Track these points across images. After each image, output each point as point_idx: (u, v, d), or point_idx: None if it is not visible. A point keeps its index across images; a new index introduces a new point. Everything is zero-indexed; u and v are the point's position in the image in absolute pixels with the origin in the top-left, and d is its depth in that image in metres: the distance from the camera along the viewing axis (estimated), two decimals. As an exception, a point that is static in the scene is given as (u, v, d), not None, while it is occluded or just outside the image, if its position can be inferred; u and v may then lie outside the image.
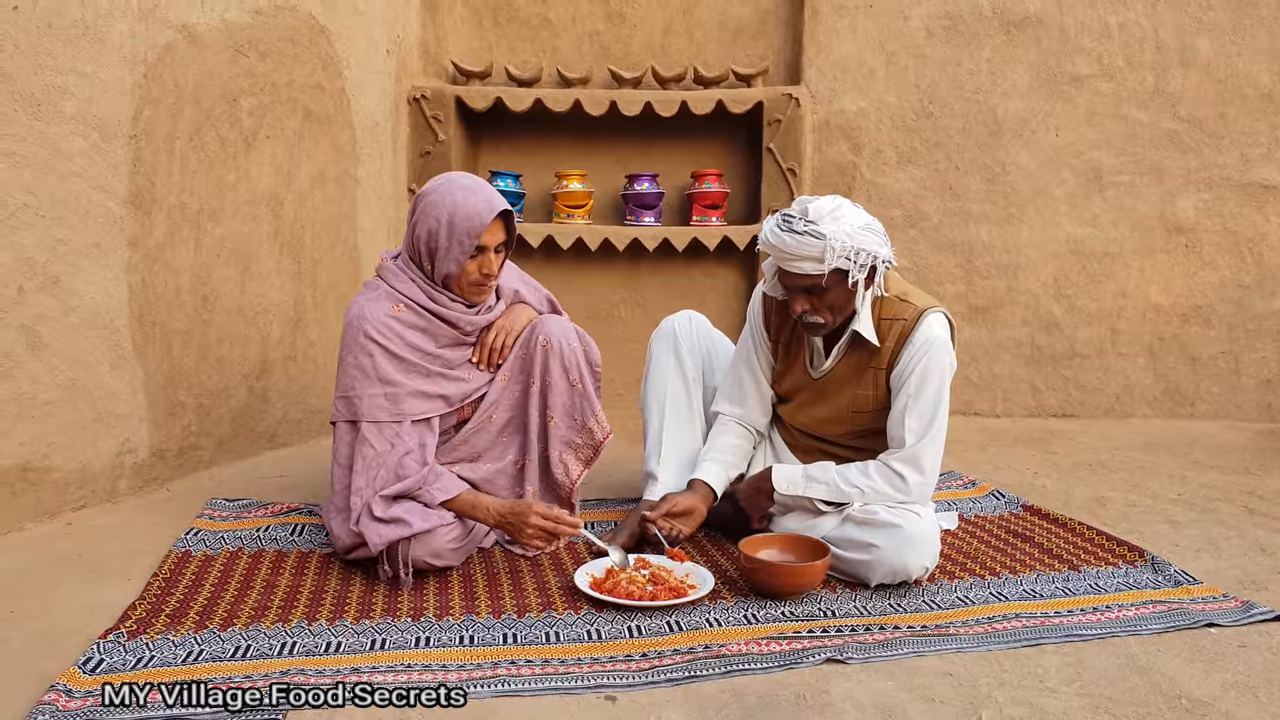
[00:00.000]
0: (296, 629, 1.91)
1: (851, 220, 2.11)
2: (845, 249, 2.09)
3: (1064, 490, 3.07)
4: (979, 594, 2.17)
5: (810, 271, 2.12)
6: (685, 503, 2.31)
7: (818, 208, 2.12)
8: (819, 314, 2.20)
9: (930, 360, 2.21)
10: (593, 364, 2.44)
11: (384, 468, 2.16)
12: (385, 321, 2.22)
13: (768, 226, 2.16)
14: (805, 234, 2.08)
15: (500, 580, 2.20)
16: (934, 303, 2.28)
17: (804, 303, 2.19)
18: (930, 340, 2.21)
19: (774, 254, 2.17)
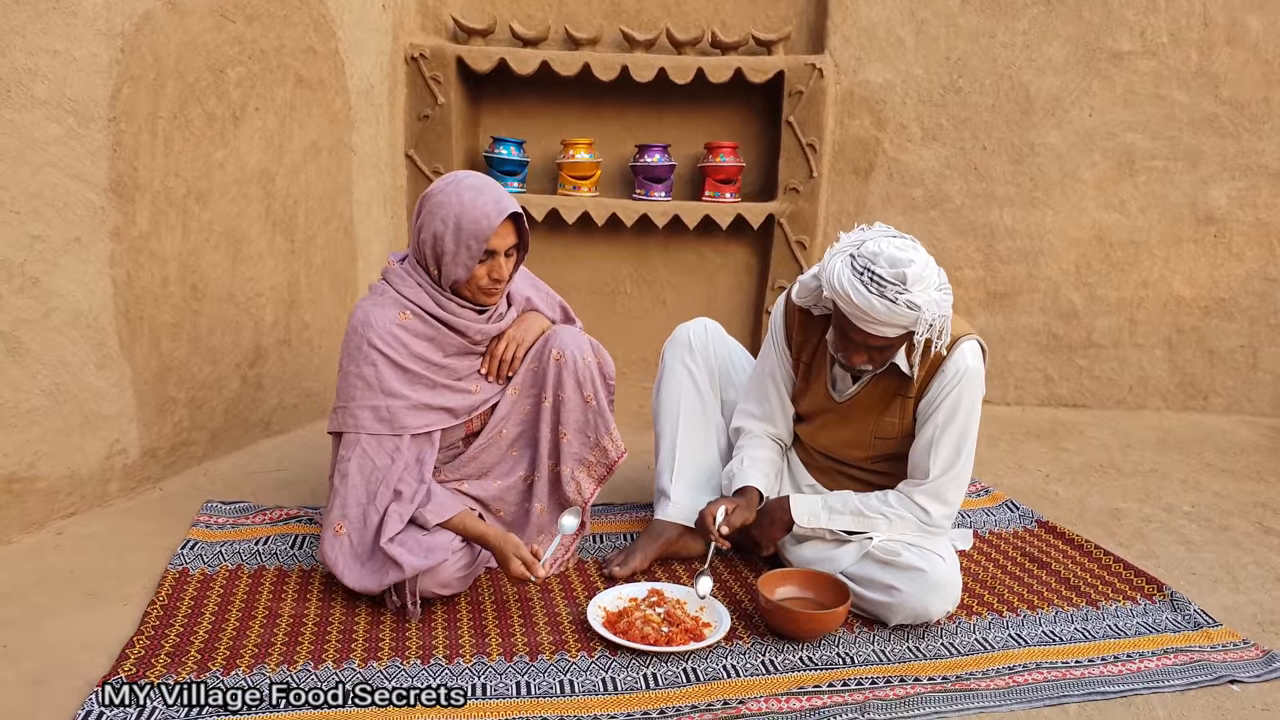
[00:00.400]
0: (302, 673, 1.87)
1: (931, 279, 1.98)
2: (934, 320, 1.98)
3: (1077, 499, 3.05)
4: (998, 636, 2.16)
5: (889, 335, 2.01)
6: (750, 515, 2.26)
7: (915, 273, 1.93)
8: (872, 364, 2.12)
9: (962, 391, 2.15)
10: (607, 378, 2.36)
11: (384, 484, 2.09)
12: (391, 330, 2.13)
13: (845, 279, 1.96)
14: (900, 304, 1.94)
15: (510, 612, 2.16)
16: (967, 329, 2.20)
17: (864, 356, 2.09)
18: (963, 371, 2.14)
19: (851, 312, 1.98)
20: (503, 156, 3.69)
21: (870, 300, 1.94)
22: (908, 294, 1.93)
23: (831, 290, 2.00)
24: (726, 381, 2.56)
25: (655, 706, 1.83)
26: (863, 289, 1.95)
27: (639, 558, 2.36)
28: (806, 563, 2.29)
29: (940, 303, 1.98)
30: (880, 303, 1.94)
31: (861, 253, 1.99)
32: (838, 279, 1.99)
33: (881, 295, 1.93)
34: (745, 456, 2.37)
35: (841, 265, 2.00)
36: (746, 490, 2.30)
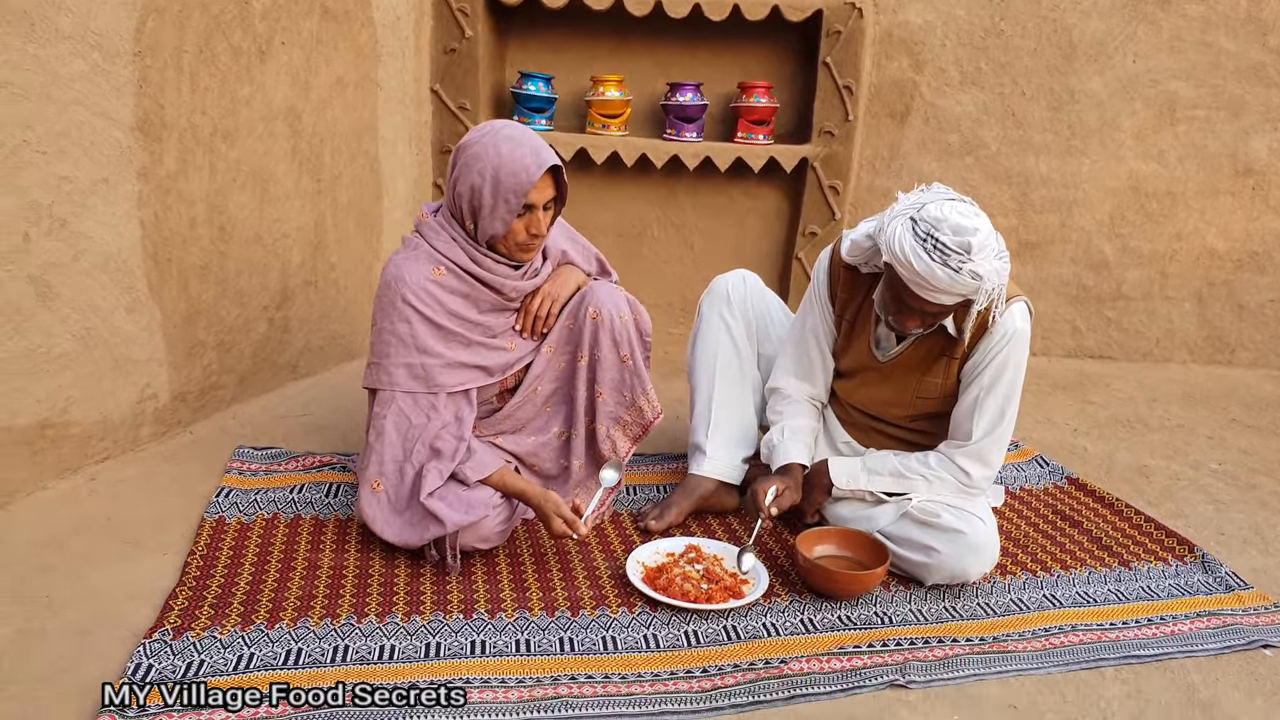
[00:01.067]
0: (346, 627, 1.87)
1: (992, 247, 1.92)
2: (994, 289, 1.93)
3: (1105, 455, 3.04)
4: (1032, 596, 2.16)
5: (946, 303, 1.96)
6: (792, 497, 2.23)
7: (979, 242, 1.87)
8: (924, 328, 2.07)
9: (1009, 353, 2.12)
10: (644, 336, 2.33)
11: (420, 442, 2.08)
12: (425, 286, 2.09)
13: (908, 245, 1.89)
14: (963, 274, 1.88)
15: (549, 566, 2.16)
16: (1016, 290, 2.15)
17: (918, 321, 2.04)
18: (1011, 333, 2.11)
19: (911, 279, 1.91)
20: (530, 93, 3.59)
21: (933, 268, 1.89)
22: (971, 263, 1.88)
23: (891, 255, 1.94)
24: (764, 335, 2.53)
25: (698, 665, 1.84)
26: (925, 257, 1.89)
27: (674, 511, 2.36)
28: (843, 521, 2.29)
29: (1000, 271, 1.93)
30: (943, 271, 1.88)
31: (923, 217, 1.92)
32: (899, 244, 1.92)
33: (945, 264, 1.88)
34: (785, 426, 2.34)
35: (902, 230, 1.93)
36: (790, 468, 2.27)
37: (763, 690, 1.77)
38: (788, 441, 2.31)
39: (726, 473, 2.43)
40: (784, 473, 2.25)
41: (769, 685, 1.78)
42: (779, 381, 2.40)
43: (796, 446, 2.30)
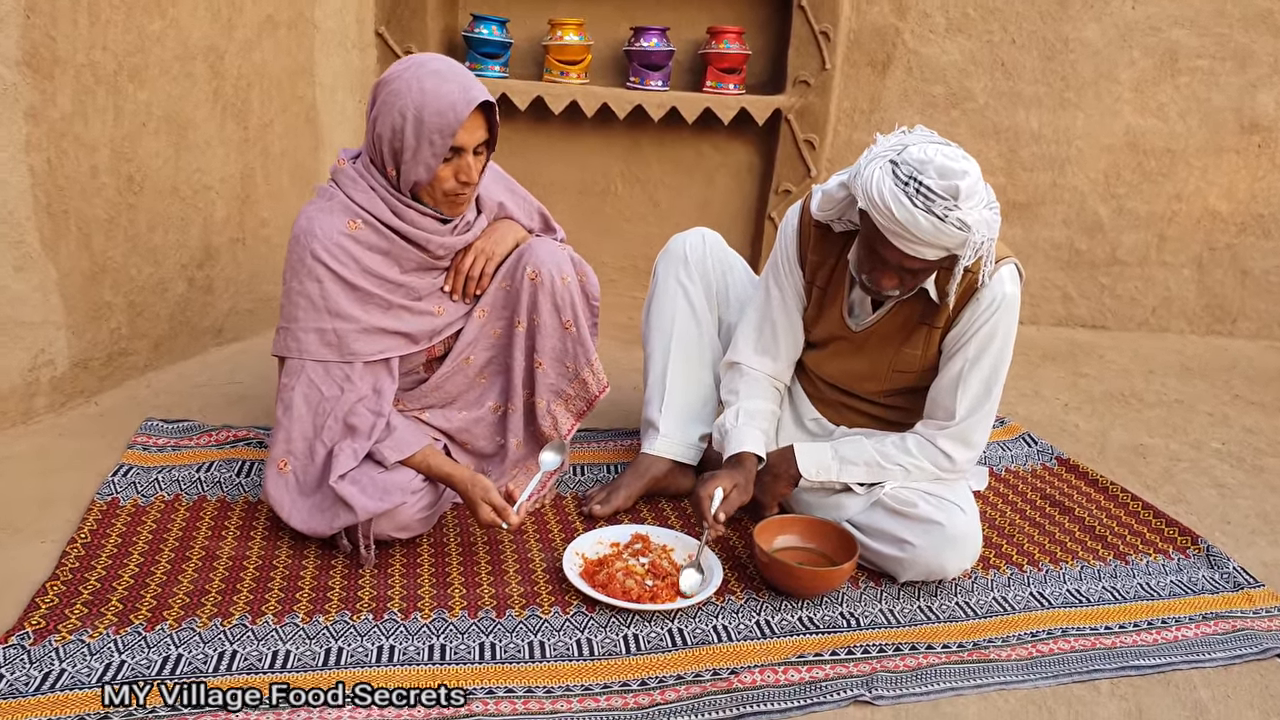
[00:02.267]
0: (237, 629, 1.63)
1: (982, 195, 1.67)
2: (983, 242, 1.67)
3: (1099, 433, 2.80)
4: (1018, 595, 1.93)
5: (928, 257, 1.70)
6: (741, 497, 1.94)
7: (967, 187, 1.62)
8: (901, 288, 1.81)
9: (997, 322, 1.86)
10: (590, 300, 2.07)
11: (332, 417, 1.82)
12: (339, 241, 1.81)
13: (887, 189, 1.65)
14: (949, 223, 1.63)
15: (477, 558, 1.91)
16: (1006, 252, 1.89)
17: (895, 280, 1.78)
18: (999, 299, 1.85)
19: (889, 228, 1.67)
20: (483, 36, 3.29)
21: (915, 215, 1.63)
22: (958, 210, 1.62)
23: (869, 202, 1.68)
24: (725, 301, 2.26)
25: (635, 676, 1.60)
26: (907, 202, 1.63)
27: (622, 495, 2.11)
28: (808, 509, 2.04)
29: (990, 223, 1.67)
30: (926, 219, 1.62)
31: (906, 159, 1.66)
32: (877, 187, 1.66)
33: (929, 211, 1.62)
34: (740, 409, 2.07)
35: (881, 172, 1.67)
36: (743, 460, 2.00)
37: (709, 707, 1.53)
38: (741, 428, 2.04)
39: (681, 452, 2.18)
40: (735, 466, 1.99)
41: (716, 701, 1.54)
42: (737, 355, 2.13)
43: (751, 434, 2.03)
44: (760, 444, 2.03)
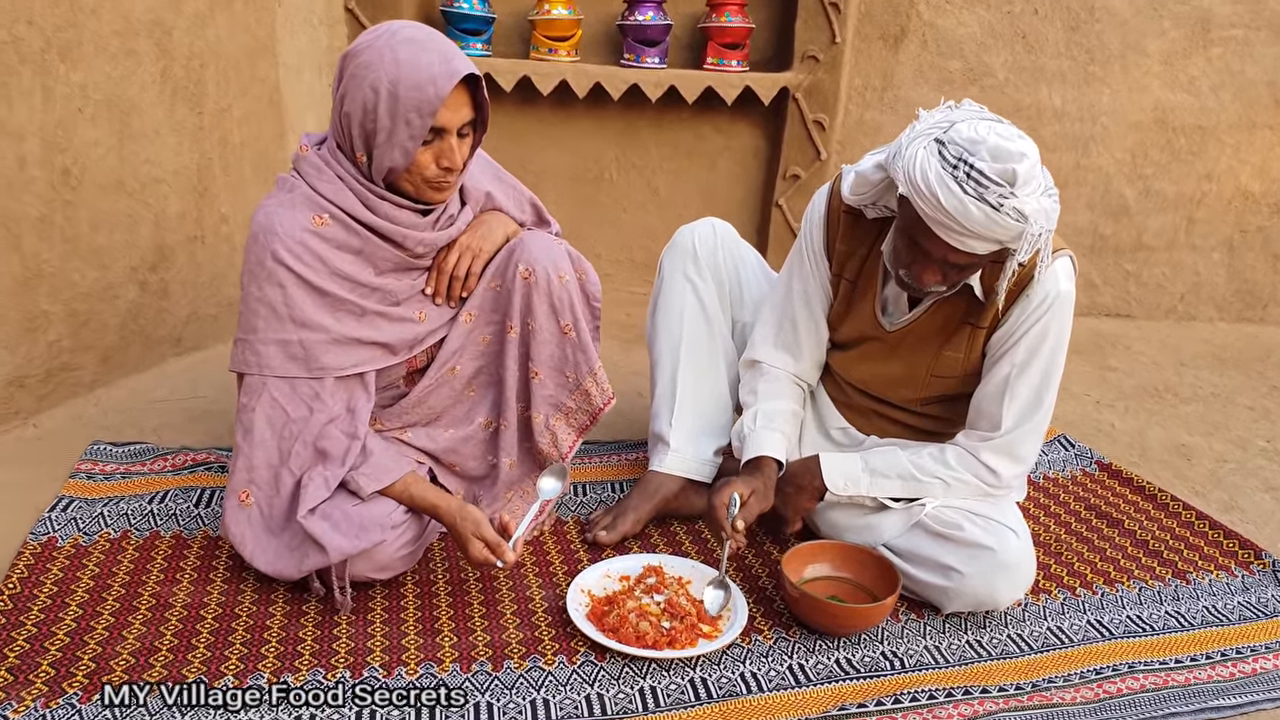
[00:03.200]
0: (190, 693, 1.41)
1: (1039, 180, 1.48)
2: (1040, 234, 1.47)
3: (1136, 432, 2.62)
4: (1075, 624, 1.74)
5: (978, 252, 1.50)
6: (760, 504, 1.76)
7: (1025, 172, 1.42)
8: (944, 284, 1.61)
9: (1050, 322, 1.67)
10: (591, 300, 1.86)
11: (299, 441, 1.62)
12: (303, 240, 1.59)
13: (934, 173, 1.45)
14: (1004, 213, 1.43)
15: (469, 599, 1.70)
16: (1059, 243, 1.70)
17: (939, 275, 1.58)
18: (1053, 297, 1.66)
19: (936, 218, 1.47)
20: (463, 11, 3.06)
21: (965, 204, 1.43)
22: (1015, 199, 1.42)
23: (912, 187, 1.48)
24: (738, 299, 2.06)
25: (655, 741, 1.40)
26: (956, 188, 1.43)
27: (630, 519, 1.91)
28: (838, 531, 1.84)
29: (1049, 213, 1.48)
30: (978, 209, 1.43)
31: (954, 139, 1.46)
32: (921, 171, 1.46)
33: (981, 199, 1.42)
34: (759, 410, 1.88)
35: (926, 153, 1.47)
36: (762, 465, 1.81)
37: (741, 775, 1.34)
38: (760, 431, 1.85)
39: (694, 469, 1.98)
40: (752, 471, 1.80)
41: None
42: (756, 353, 1.94)
43: (771, 437, 1.84)
44: (780, 447, 1.84)
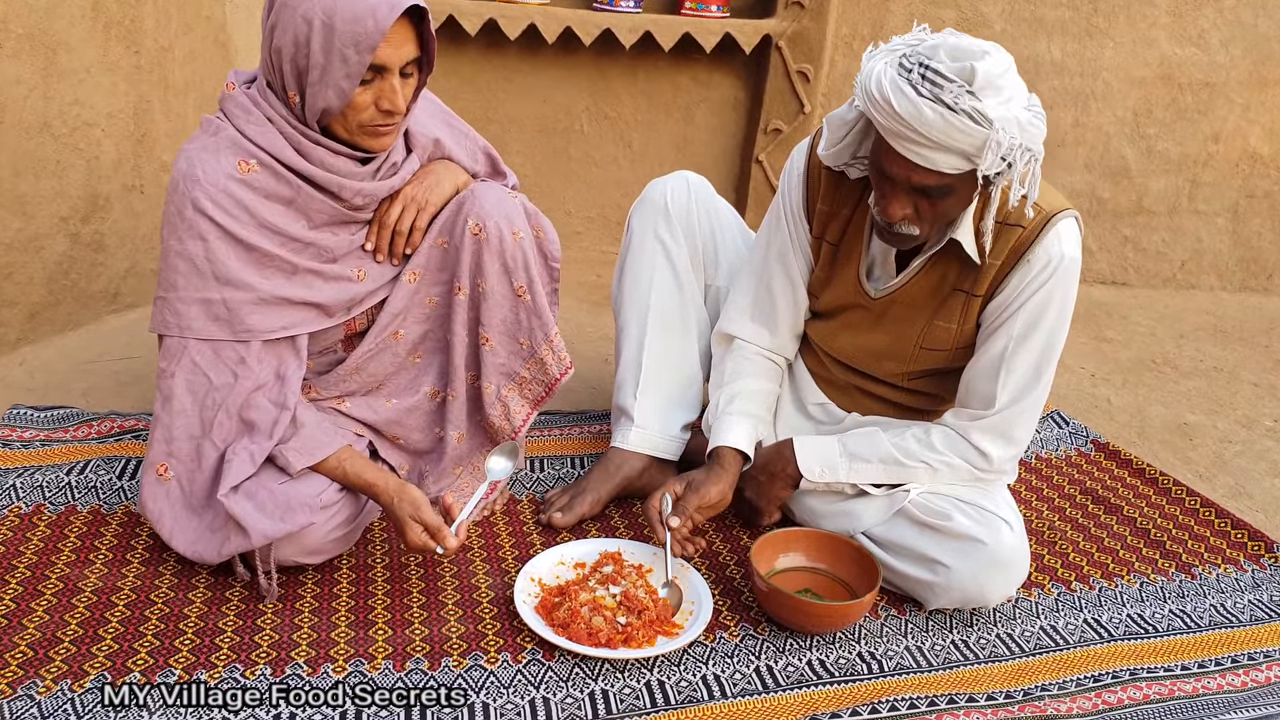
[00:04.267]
0: (89, 695, 1.26)
1: (1014, 91, 1.33)
2: (1010, 146, 1.30)
3: (1135, 408, 2.47)
4: (1070, 622, 1.60)
5: (943, 168, 1.34)
6: (715, 494, 1.61)
7: (987, 72, 1.28)
8: (919, 223, 1.44)
9: (1052, 290, 1.51)
10: (549, 260, 1.69)
11: (223, 410, 1.45)
12: (228, 188, 1.41)
13: (886, 78, 1.33)
14: (964, 114, 1.28)
15: (408, 587, 1.55)
16: (1063, 202, 1.53)
17: (907, 205, 1.42)
18: (1056, 261, 1.50)
19: (890, 127, 1.34)
20: (428, -52, 2.83)
21: (919, 107, 1.29)
22: (974, 99, 1.28)
23: (867, 99, 1.35)
24: (713, 261, 1.88)
25: (604, 753, 1.26)
26: (910, 91, 1.30)
27: (588, 500, 1.75)
28: (815, 517, 1.69)
29: (1024, 126, 1.32)
30: (933, 110, 1.29)
31: (916, 51, 1.34)
32: (877, 81, 1.34)
33: (936, 100, 1.28)
34: (730, 392, 1.73)
35: (885, 65, 1.34)
36: (721, 456, 1.66)
37: (698, 793, 1.20)
38: (726, 417, 1.70)
39: (660, 445, 1.82)
40: (711, 464, 1.65)
41: (707, 785, 1.21)
42: (730, 326, 1.78)
43: (740, 425, 1.68)
44: (746, 435, 1.68)
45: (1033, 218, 1.50)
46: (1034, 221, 1.50)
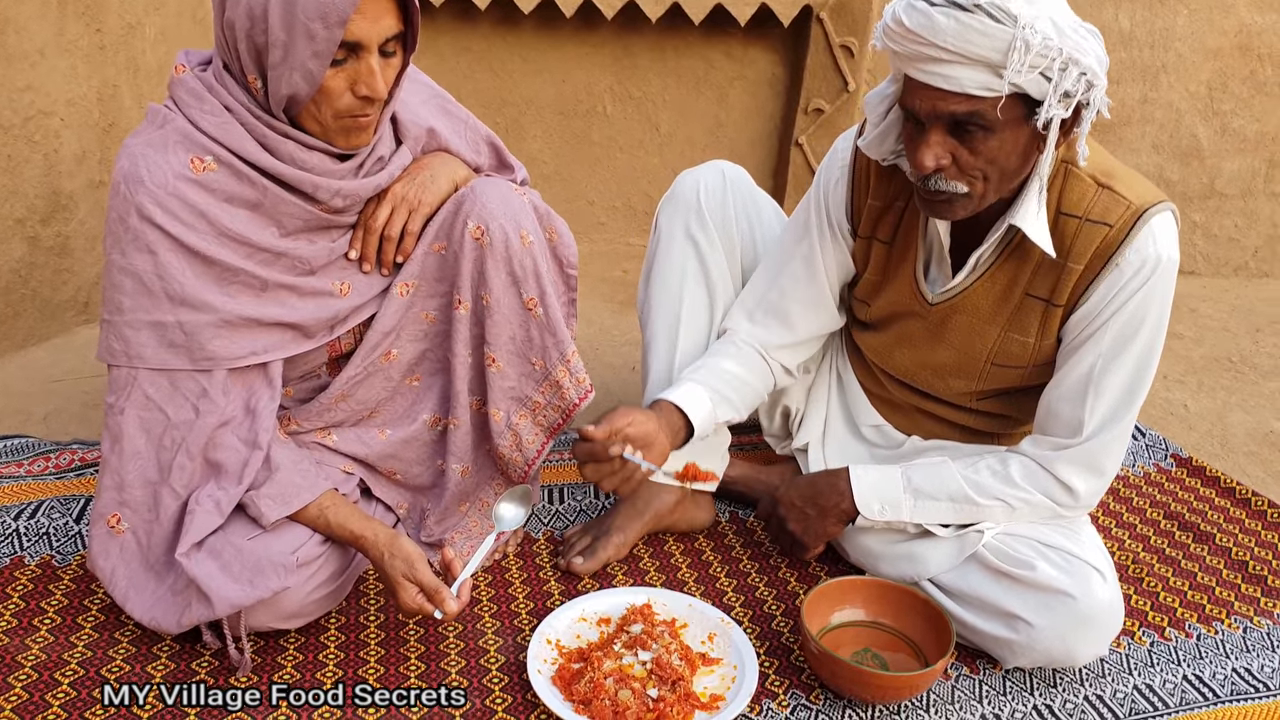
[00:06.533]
0: None
1: (1057, 9, 1.18)
2: (1047, 50, 1.16)
3: (1214, 414, 2.27)
4: (1168, 679, 1.42)
5: (969, 88, 1.20)
6: (645, 426, 1.39)
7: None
8: (963, 176, 1.26)
9: (1148, 297, 1.33)
10: (564, 267, 1.50)
11: (183, 450, 1.27)
12: (178, 190, 1.23)
13: (900, 4, 1.22)
14: (980, 11, 1.15)
15: (405, 652, 1.36)
16: (1157, 195, 1.34)
17: (941, 149, 1.25)
18: (1152, 264, 1.31)
19: (906, 51, 1.21)
20: (425, -87, 2.64)
21: (932, 17, 1.17)
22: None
23: (884, 36, 1.24)
24: (752, 264, 1.69)
25: None
26: (921, 3, 1.18)
27: (613, 543, 1.57)
28: (870, 559, 1.51)
29: (1065, 32, 1.17)
30: (945, 17, 1.16)
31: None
32: (890, 13, 1.24)
33: (950, 4, 1.16)
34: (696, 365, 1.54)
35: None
36: (659, 406, 1.45)
37: None
38: (683, 382, 1.49)
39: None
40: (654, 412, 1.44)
41: None
42: (728, 321, 1.61)
43: (693, 389, 1.48)
44: (699, 399, 1.47)
45: (1124, 215, 1.29)
46: (1123, 217, 1.30)
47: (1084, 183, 1.32)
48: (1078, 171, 1.33)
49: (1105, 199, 1.31)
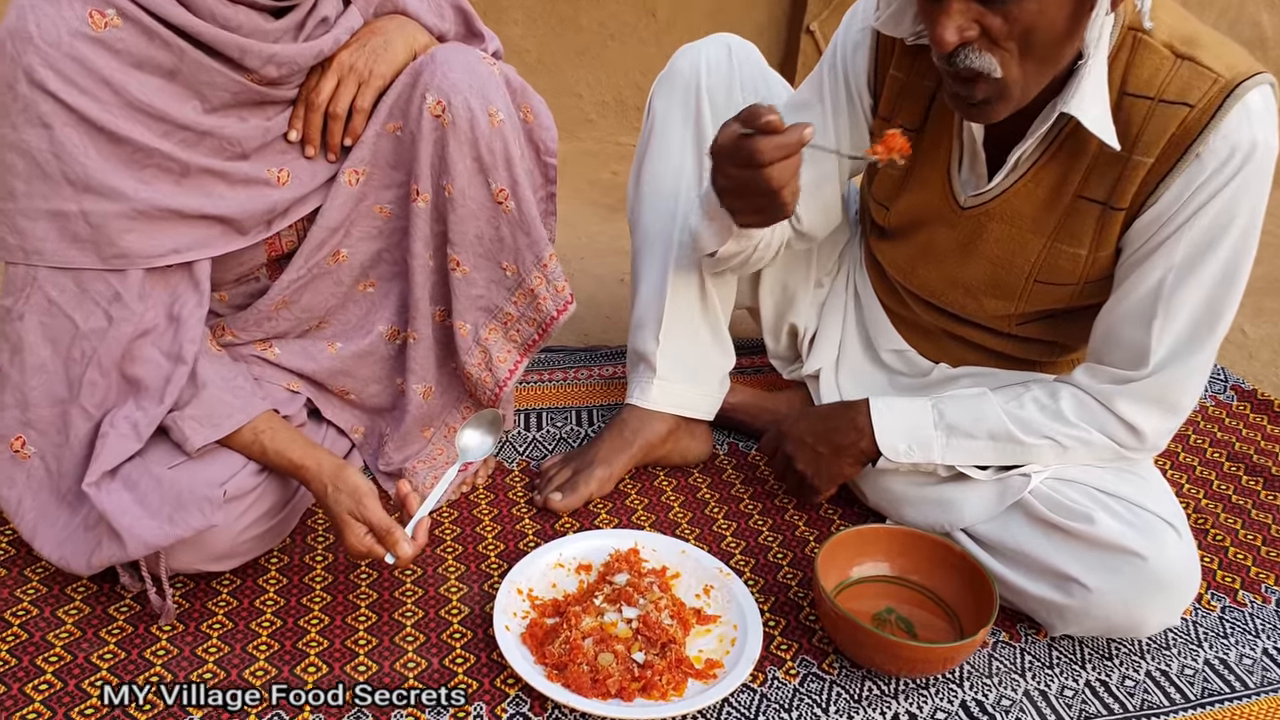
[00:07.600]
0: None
1: None
2: None
3: (1278, 341, 2.08)
4: (1245, 652, 1.26)
5: None
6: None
7: None
8: (996, 50, 1.03)
9: (1237, 194, 1.10)
10: (542, 154, 1.31)
11: (93, 363, 1.10)
12: (75, 50, 1.02)
13: None
14: None
15: (356, 599, 1.20)
16: (1252, 65, 1.10)
17: (964, 17, 1.01)
18: (1244, 151, 1.08)
19: None
20: None
21: None
22: None
23: None
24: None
25: None
26: None
27: (597, 477, 1.39)
28: (896, 504, 1.33)
29: None
30: None
31: None
32: None
33: None
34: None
35: None
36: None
37: None
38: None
39: (690, 403, 1.46)
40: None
41: None
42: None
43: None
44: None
45: (1210, 90, 1.06)
46: (1209, 95, 1.07)
47: (1158, 54, 1.09)
48: (1149, 40, 1.09)
49: (1185, 73, 1.07)
